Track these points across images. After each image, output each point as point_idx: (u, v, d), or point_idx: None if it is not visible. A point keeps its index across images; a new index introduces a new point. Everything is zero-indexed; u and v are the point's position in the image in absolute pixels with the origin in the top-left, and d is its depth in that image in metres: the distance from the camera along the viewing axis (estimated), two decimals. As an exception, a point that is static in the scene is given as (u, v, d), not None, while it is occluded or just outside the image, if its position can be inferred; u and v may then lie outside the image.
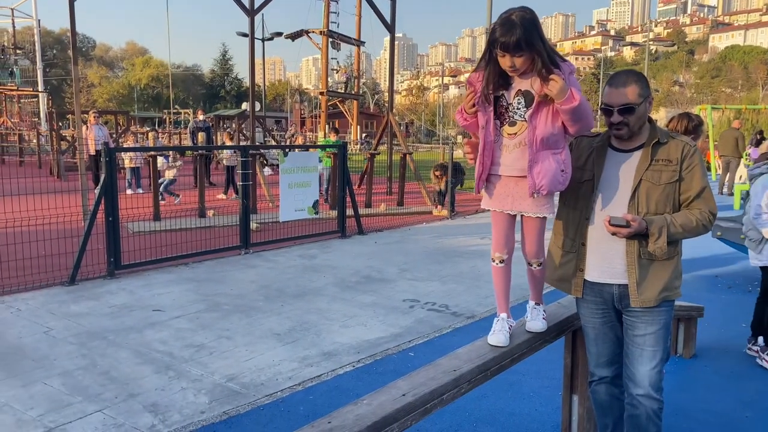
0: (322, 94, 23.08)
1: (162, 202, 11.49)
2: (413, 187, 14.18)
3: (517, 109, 2.50)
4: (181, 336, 4.90)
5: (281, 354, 4.57)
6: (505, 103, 2.52)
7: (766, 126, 23.29)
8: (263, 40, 33.94)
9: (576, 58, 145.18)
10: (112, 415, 3.59)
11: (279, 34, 29.48)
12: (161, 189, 12.07)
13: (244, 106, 40.91)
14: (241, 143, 17.68)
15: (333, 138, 14.24)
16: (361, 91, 32.07)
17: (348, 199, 9.40)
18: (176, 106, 50.64)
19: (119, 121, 24.22)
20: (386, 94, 16.94)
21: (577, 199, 2.66)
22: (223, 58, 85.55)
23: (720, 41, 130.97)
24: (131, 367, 4.28)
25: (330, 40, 23.43)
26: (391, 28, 13.83)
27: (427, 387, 2.32)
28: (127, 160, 13.86)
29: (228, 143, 14.07)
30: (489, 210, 2.69)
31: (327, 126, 20.36)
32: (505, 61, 2.39)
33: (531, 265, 2.77)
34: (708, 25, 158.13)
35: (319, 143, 13.04)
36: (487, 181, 2.62)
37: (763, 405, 3.87)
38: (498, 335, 2.66)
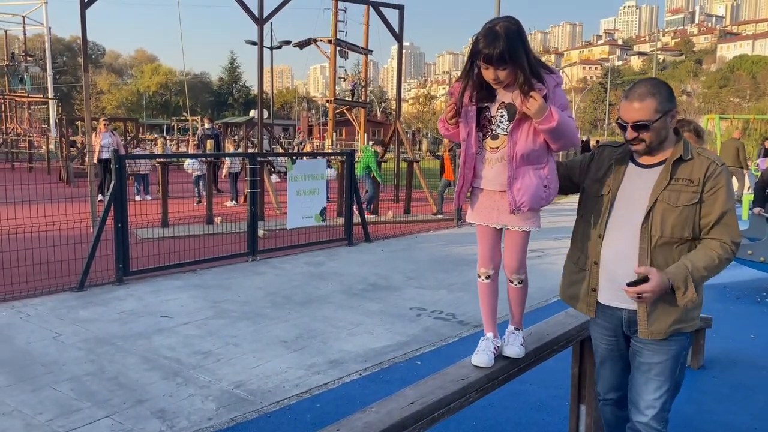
0: (329, 101, 23.17)
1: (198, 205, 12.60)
2: (420, 195, 14.21)
3: (500, 122, 2.42)
4: (189, 342, 4.92)
5: (288, 361, 4.58)
6: (488, 116, 2.44)
7: (774, 136, 23.16)
8: (272, 48, 34.18)
9: (583, 68, 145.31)
10: (121, 420, 3.61)
11: (287, 42, 29.69)
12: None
13: (252, 113, 41.11)
14: (249, 150, 17.78)
15: (377, 149, 13.19)
16: (368, 99, 32.19)
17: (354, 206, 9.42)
18: (184, 113, 50.95)
19: (128, 128, 24.37)
20: (393, 102, 16.94)
21: (593, 214, 2.52)
22: (232, 65, 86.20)
23: (728, 51, 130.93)
24: (139, 373, 4.30)
25: (338, 48, 23.56)
26: (398, 37, 13.90)
27: (435, 395, 2.33)
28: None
29: (231, 150, 14.12)
30: (474, 224, 2.59)
31: (334, 133, 20.37)
32: (488, 74, 2.31)
33: (512, 282, 2.66)
34: (716, 35, 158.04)
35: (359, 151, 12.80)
36: (472, 194, 2.56)
37: (772, 417, 3.84)
38: (482, 355, 2.56)
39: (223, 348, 4.82)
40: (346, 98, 26.35)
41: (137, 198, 13.61)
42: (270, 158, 13.80)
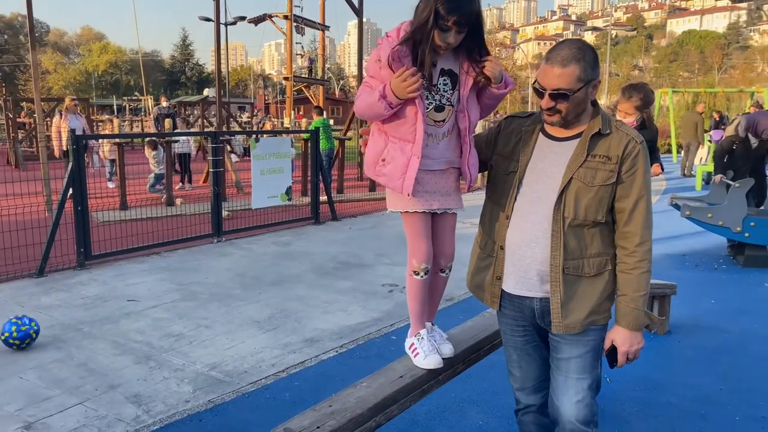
0: (286, 79, 22.82)
1: (157, 195, 11.23)
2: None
3: (444, 92, 2.10)
4: (159, 326, 4.82)
5: (263, 341, 4.54)
6: (426, 85, 2.07)
7: (722, 109, 23.98)
8: (226, 24, 33.27)
9: (538, 44, 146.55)
10: (94, 407, 3.51)
11: (242, 18, 28.95)
12: (150, 186, 11.49)
13: (206, 92, 40.15)
14: (206, 129, 17.36)
15: (316, 118, 13.20)
16: (326, 77, 31.78)
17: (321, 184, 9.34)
18: (136, 93, 49.40)
19: (78, 109, 23.49)
20: (351, 79, 16.74)
21: (500, 193, 2.22)
22: (184, 43, 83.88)
23: (677, 26, 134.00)
24: (109, 358, 4.19)
25: (294, 24, 23.14)
26: (359, 11, 13.72)
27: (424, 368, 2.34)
28: (106, 150, 12.75)
29: (180, 129, 13.53)
30: (401, 212, 2.29)
31: (294, 111, 20.09)
32: (446, 37, 1.97)
33: (443, 272, 2.43)
34: (665, 10, 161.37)
35: (308, 127, 12.32)
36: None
37: (736, 377, 4.00)
38: (433, 357, 2.35)
39: (194, 330, 4.74)
40: (303, 75, 25.98)
41: (110, 185, 12.31)
42: (230, 137, 13.51)
